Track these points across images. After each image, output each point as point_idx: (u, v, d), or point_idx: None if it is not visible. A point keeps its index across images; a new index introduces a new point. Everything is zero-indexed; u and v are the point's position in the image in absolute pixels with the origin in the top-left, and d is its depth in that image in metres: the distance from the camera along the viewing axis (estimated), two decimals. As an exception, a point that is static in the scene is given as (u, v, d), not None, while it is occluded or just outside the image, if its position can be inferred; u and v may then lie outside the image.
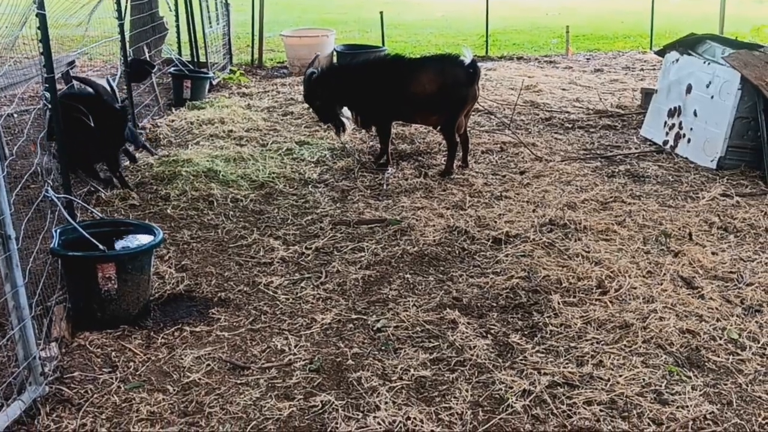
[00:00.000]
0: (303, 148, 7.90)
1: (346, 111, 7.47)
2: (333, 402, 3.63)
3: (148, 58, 9.68)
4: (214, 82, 11.32)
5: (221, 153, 7.61)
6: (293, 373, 3.89)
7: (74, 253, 4.31)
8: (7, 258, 3.37)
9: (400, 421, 3.47)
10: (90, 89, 6.46)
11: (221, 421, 3.49)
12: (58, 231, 4.48)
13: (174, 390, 3.74)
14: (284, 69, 13.41)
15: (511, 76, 12.23)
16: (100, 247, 4.28)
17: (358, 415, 3.54)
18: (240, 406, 3.61)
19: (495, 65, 13.61)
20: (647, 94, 9.23)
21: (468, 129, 7.61)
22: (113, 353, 4.06)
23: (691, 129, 7.62)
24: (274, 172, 7.11)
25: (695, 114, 7.57)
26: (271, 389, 3.75)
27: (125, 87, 8.44)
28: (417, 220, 5.94)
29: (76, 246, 4.37)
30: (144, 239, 4.58)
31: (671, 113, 7.96)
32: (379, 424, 3.45)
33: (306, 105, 8.08)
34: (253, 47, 13.96)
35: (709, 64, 7.53)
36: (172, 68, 10.46)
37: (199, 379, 3.82)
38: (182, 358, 4.01)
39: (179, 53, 11.50)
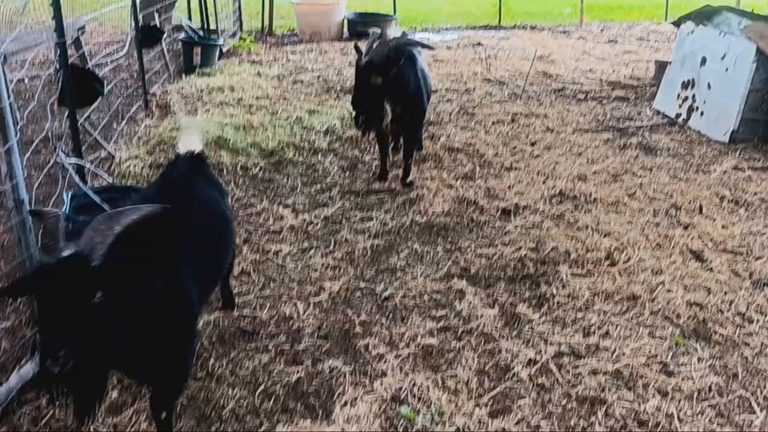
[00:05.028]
0: (313, 117, 7.88)
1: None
2: (340, 368, 3.67)
3: (158, 25, 9.63)
4: (224, 50, 11.26)
5: (231, 121, 7.59)
6: (302, 339, 3.93)
7: (85, 218, 4.33)
8: (20, 222, 3.40)
9: (407, 388, 3.51)
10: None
11: (231, 385, 3.54)
12: (70, 196, 4.51)
13: (184, 354, 3.79)
14: (295, 36, 13.32)
15: (523, 46, 12.10)
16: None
17: (365, 380, 3.58)
18: (249, 370, 3.66)
19: (508, 34, 13.46)
20: (661, 66, 9.13)
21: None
22: (124, 317, 4.11)
23: (705, 102, 7.54)
24: (283, 141, 7.10)
25: (709, 86, 7.49)
26: (280, 354, 3.79)
27: (136, 53, 8.41)
28: (426, 190, 5.94)
29: (87, 211, 4.39)
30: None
31: (685, 85, 7.87)
32: (385, 390, 3.49)
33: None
34: (263, 14, 13.85)
35: (724, 35, 7.43)
36: (182, 35, 10.41)
37: (209, 344, 3.87)
38: (192, 323, 4.05)
39: (189, 19, 11.42)
